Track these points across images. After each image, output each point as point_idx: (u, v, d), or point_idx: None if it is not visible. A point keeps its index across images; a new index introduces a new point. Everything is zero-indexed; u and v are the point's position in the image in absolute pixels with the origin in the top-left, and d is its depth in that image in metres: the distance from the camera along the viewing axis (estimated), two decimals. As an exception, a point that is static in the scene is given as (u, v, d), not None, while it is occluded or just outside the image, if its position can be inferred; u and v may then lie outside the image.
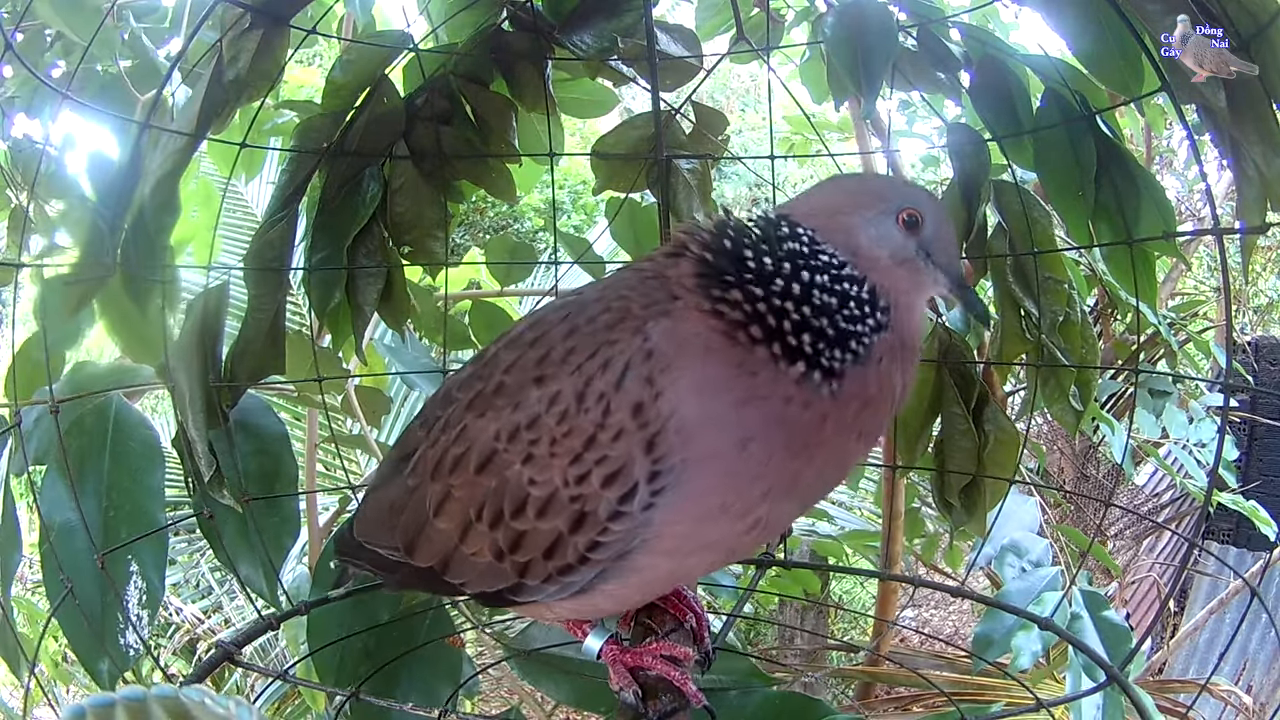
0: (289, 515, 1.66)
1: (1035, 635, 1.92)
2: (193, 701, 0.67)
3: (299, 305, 2.95)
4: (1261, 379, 5.05)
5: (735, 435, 0.89)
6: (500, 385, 0.99)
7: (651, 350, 0.90)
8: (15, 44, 1.42)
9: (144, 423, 1.65)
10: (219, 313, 1.56)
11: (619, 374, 0.90)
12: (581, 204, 7.27)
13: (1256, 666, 4.84)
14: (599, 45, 1.63)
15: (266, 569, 1.59)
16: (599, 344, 0.93)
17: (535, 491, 0.94)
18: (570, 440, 0.92)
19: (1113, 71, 1.40)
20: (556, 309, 1.03)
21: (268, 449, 1.67)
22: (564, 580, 0.97)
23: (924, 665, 3.59)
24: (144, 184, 1.38)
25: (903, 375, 0.97)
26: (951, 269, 1.01)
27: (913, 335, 1.00)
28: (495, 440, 0.97)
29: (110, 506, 1.55)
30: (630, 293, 0.98)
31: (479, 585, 1.04)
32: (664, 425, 0.88)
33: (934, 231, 1.00)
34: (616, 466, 0.89)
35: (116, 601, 1.47)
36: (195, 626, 4.61)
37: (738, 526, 0.93)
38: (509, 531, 0.97)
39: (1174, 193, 5.18)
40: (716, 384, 0.90)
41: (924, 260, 1.00)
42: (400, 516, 1.09)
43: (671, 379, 0.89)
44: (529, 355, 0.99)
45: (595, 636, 1.11)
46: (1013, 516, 2.29)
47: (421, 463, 1.07)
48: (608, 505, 0.90)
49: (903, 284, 0.99)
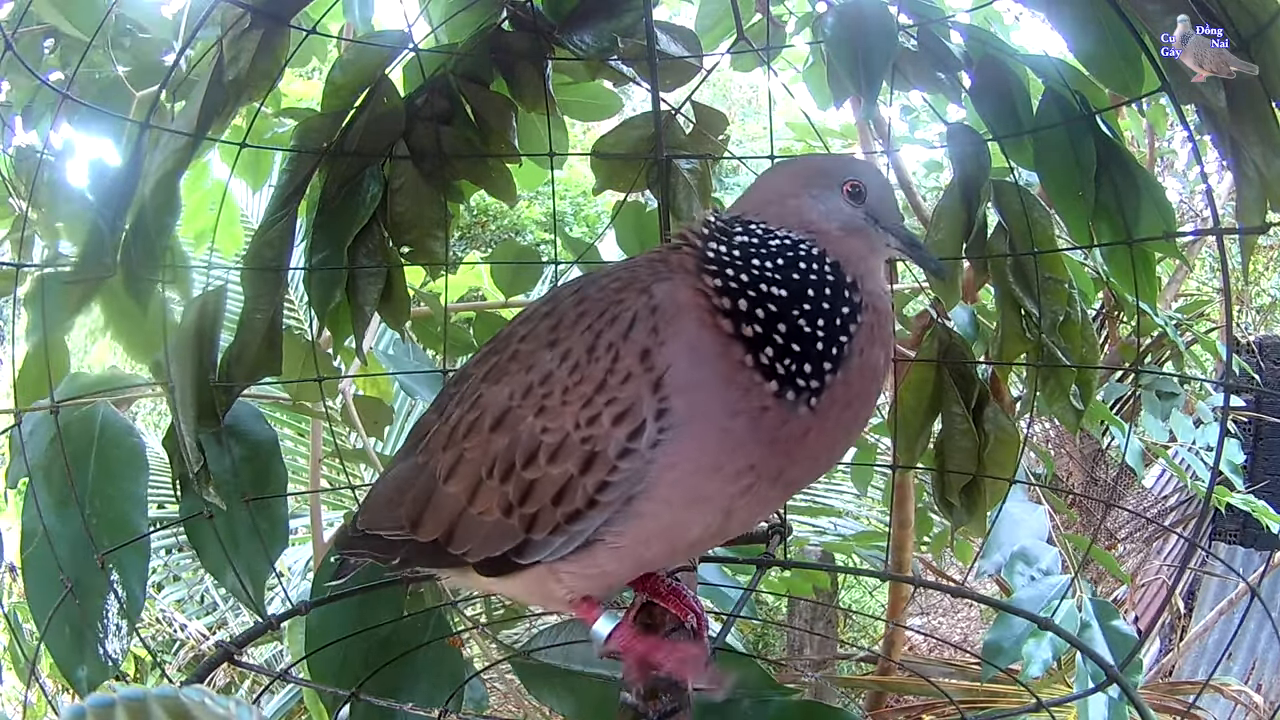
0: (277, 520, 1.64)
1: (1046, 643, 1.92)
2: (193, 701, 0.67)
3: (295, 308, 2.96)
4: (1267, 379, 5.03)
5: (721, 405, 0.94)
6: (515, 353, 1.05)
7: (656, 306, 0.97)
8: (14, 45, 1.42)
9: (130, 430, 1.64)
10: (217, 313, 1.57)
11: (627, 325, 0.96)
12: (583, 216, 7.27)
13: (1266, 666, 4.83)
14: (599, 45, 1.64)
15: (253, 573, 1.58)
16: (607, 305, 0.99)
17: (547, 439, 0.98)
18: (582, 387, 0.96)
19: (1113, 72, 1.40)
20: (569, 286, 1.09)
21: (258, 455, 1.66)
22: (571, 529, 0.99)
23: (933, 673, 3.58)
24: (144, 184, 1.39)
25: (884, 347, 1.02)
26: (899, 230, 1.07)
27: (880, 299, 1.04)
28: (509, 400, 1.01)
29: (93, 514, 1.55)
30: (637, 268, 1.04)
31: (483, 550, 1.05)
32: (667, 370, 0.94)
33: (877, 197, 1.06)
34: (626, 406, 0.94)
35: (97, 609, 1.47)
36: (200, 642, 4.62)
37: (730, 489, 0.97)
38: (520, 482, 1.00)
39: (1175, 195, 5.17)
40: (705, 353, 0.95)
41: (873, 225, 1.05)
42: (408, 493, 1.11)
43: (674, 331, 0.95)
44: (542, 325, 1.04)
45: (606, 620, 1.11)
46: (1022, 524, 2.28)
47: (434, 438, 1.10)
48: (617, 444, 0.94)
49: (859, 251, 1.04)
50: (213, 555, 1.57)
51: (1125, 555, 4.97)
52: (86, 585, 1.47)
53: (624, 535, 0.99)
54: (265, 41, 1.47)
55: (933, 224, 1.72)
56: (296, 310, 3.09)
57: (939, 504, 1.77)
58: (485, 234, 7.10)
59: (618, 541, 1.00)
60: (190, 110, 1.44)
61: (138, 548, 1.54)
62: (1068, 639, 1.60)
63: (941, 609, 6.52)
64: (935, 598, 6.39)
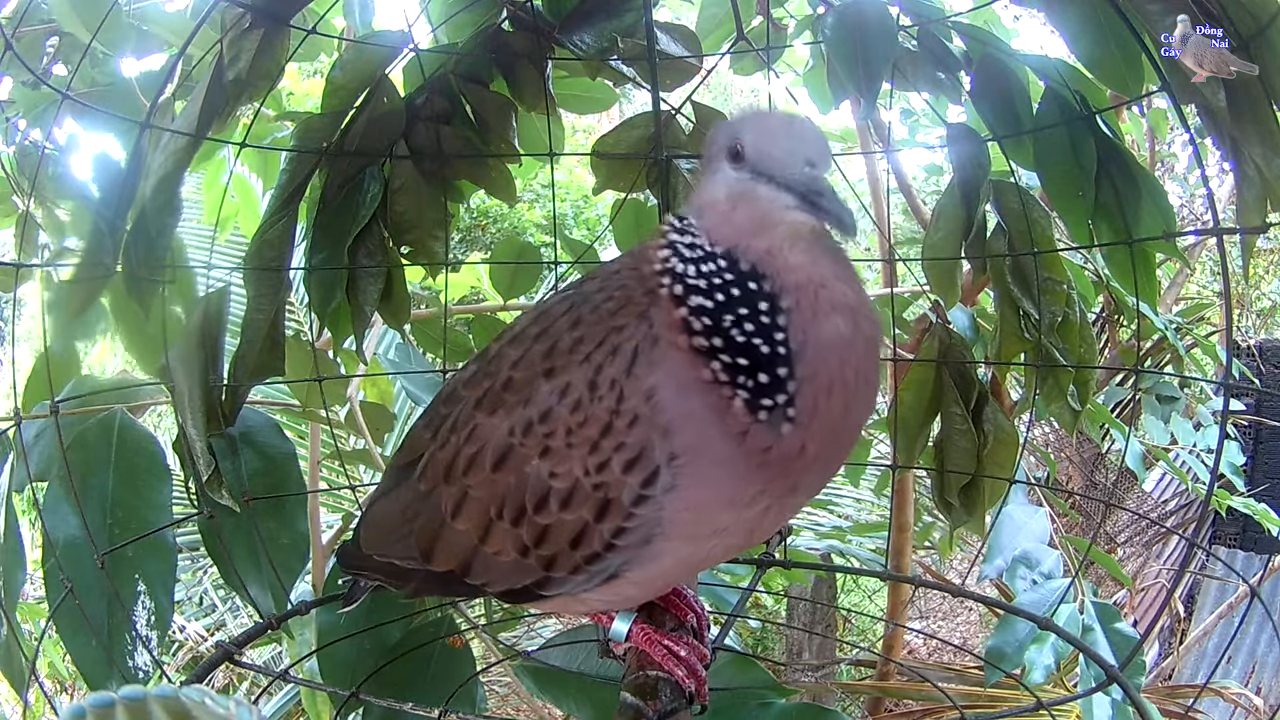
0: (298, 538, 1.62)
1: (1049, 649, 1.92)
2: (193, 701, 0.67)
3: (295, 311, 2.95)
4: (1267, 382, 5.03)
5: (719, 435, 0.89)
6: (509, 380, 0.99)
7: (658, 336, 0.90)
8: (15, 47, 1.42)
9: (149, 437, 1.62)
10: (220, 315, 1.56)
11: (629, 360, 0.90)
12: (584, 219, 7.26)
13: (1266, 669, 4.82)
14: (599, 45, 1.63)
15: (275, 590, 1.55)
16: (606, 331, 0.93)
17: (557, 484, 0.94)
18: (587, 430, 0.91)
19: (1113, 72, 1.40)
20: (559, 302, 1.02)
21: (275, 469, 1.64)
22: (591, 569, 0.97)
23: (933, 678, 3.58)
24: (145, 184, 1.38)
25: (837, 311, 0.89)
26: (794, 181, 0.88)
27: (799, 271, 0.89)
28: (510, 436, 0.96)
29: (115, 523, 1.51)
30: (630, 280, 0.97)
31: (503, 584, 1.03)
32: (669, 406, 0.88)
33: (757, 150, 0.91)
34: (636, 452, 0.89)
35: (125, 622, 1.44)
36: (199, 644, 4.61)
37: (747, 514, 0.93)
38: (533, 526, 0.96)
39: (1175, 198, 5.18)
40: (687, 379, 0.89)
41: (762, 184, 0.89)
42: (414, 523, 1.08)
43: (664, 363, 0.89)
44: (535, 349, 0.98)
45: (621, 620, 1.12)
46: (1024, 528, 2.28)
47: (432, 465, 1.06)
48: (631, 491, 0.90)
49: (746, 229, 0.90)
50: (235, 573, 1.54)
51: (1125, 559, 4.97)
52: (111, 596, 1.44)
53: (646, 570, 0.97)
54: (266, 41, 1.47)
55: (932, 224, 1.72)
56: (297, 314, 3.08)
57: (938, 503, 1.78)
58: (485, 236, 7.09)
59: (639, 575, 0.98)
60: (191, 110, 1.44)
61: (162, 558, 1.51)
62: (1069, 640, 1.60)
63: (941, 613, 6.52)
64: (934, 602, 6.38)
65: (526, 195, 6.84)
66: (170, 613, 1.50)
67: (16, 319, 2.61)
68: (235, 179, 2.49)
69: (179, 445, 1.56)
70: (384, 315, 1.79)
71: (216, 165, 2.36)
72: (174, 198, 1.42)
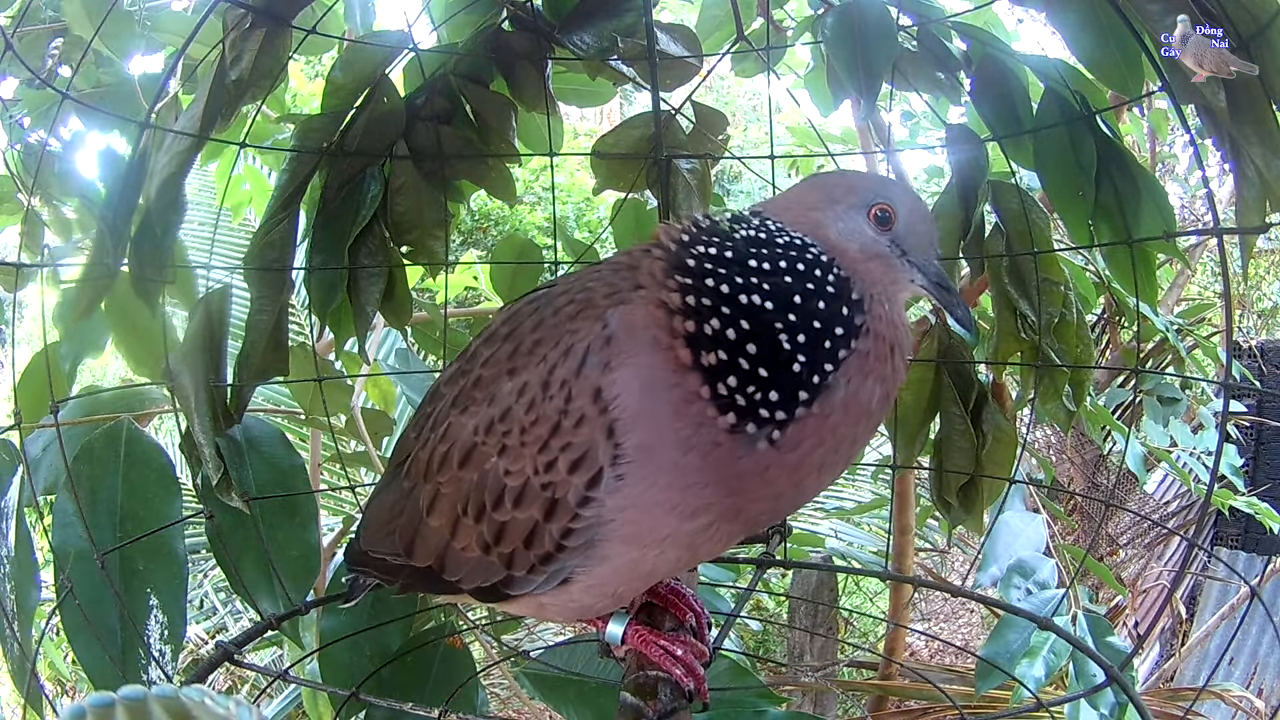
0: (309, 550, 1.59)
1: (1040, 661, 1.91)
2: (193, 701, 0.66)
3: (296, 314, 2.96)
4: (1268, 383, 5.03)
5: (672, 440, 0.89)
6: (478, 379, 1.02)
7: (610, 336, 0.92)
8: (15, 47, 1.42)
9: (157, 448, 1.59)
10: (222, 315, 1.56)
11: (579, 360, 0.92)
12: (586, 221, 7.26)
13: (1267, 671, 4.82)
14: (599, 45, 1.63)
15: (281, 596, 1.54)
16: (562, 334, 0.95)
17: (510, 482, 0.96)
18: (538, 429, 0.93)
19: (1113, 72, 1.40)
20: (529, 302, 1.05)
21: (285, 482, 1.62)
22: (546, 569, 0.98)
23: (934, 679, 3.58)
24: (150, 184, 1.39)
25: (881, 383, 0.93)
26: (929, 267, 0.98)
27: (894, 331, 0.95)
28: (474, 435, 0.99)
29: (124, 537, 1.48)
30: (595, 283, 0.99)
31: (473, 580, 1.05)
32: (616, 402, 0.89)
33: (907, 227, 0.98)
34: (581, 452, 0.91)
35: (138, 637, 1.42)
36: (200, 647, 4.61)
37: (687, 526, 0.93)
38: (492, 523, 0.99)
39: (1176, 200, 5.18)
40: (657, 383, 0.89)
41: (898, 256, 0.97)
42: (399, 520, 1.11)
43: (624, 360, 0.90)
44: (502, 349, 1.01)
45: (616, 622, 1.12)
46: (1020, 535, 2.28)
47: (415, 464, 1.09)
48: (577, 492, 0.92)
49: (875, 276, 0.95)
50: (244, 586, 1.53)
51: (1126, 561, 4.96)
52: (124, 611, 1.42)
53: (593, 574, 0.98)
54: (267, 41, 1.47)
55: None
56: (298, 316, 3.08)
57: (937, 503, 1.78)
58: (486, 238, 7.09)
59: (589, 580, 0.99)
60: (194, 110, 1.44)
61: (174, 571, 1.49)
62: (1067, 639, 1.60)
63: (942, 615, 6.52)
64: (935, 605, 6.38)
65: (528, 198, 6.85)
66: (184, 627, 1.47)
67: (18, 321, 2.60)
68: (248, 169, 2.53)
69: (184, 447, 1.56)
70: (386, 315, 1.79)
71: (229, 155, 2.37)
72: (179, 198, 1.42)
